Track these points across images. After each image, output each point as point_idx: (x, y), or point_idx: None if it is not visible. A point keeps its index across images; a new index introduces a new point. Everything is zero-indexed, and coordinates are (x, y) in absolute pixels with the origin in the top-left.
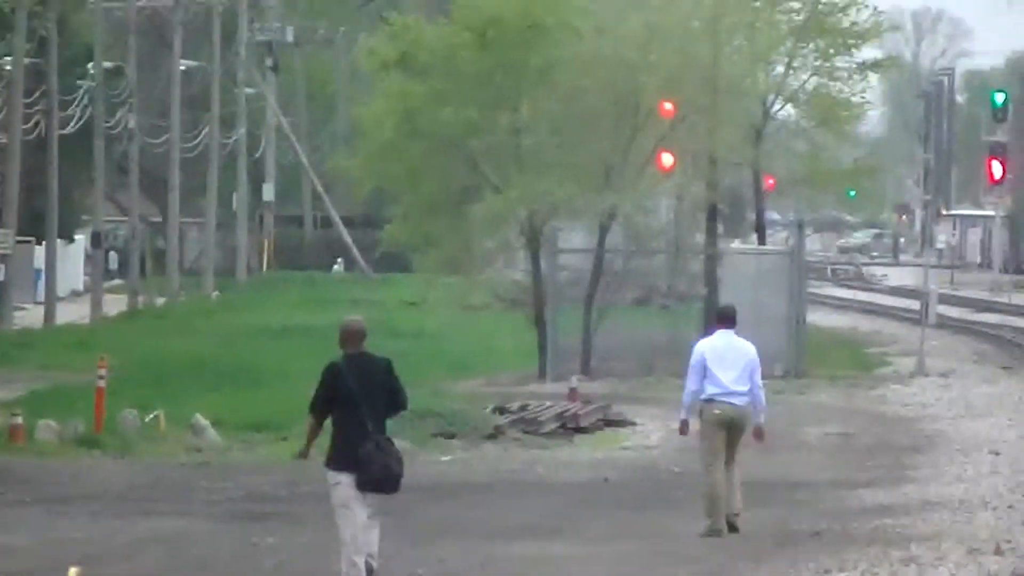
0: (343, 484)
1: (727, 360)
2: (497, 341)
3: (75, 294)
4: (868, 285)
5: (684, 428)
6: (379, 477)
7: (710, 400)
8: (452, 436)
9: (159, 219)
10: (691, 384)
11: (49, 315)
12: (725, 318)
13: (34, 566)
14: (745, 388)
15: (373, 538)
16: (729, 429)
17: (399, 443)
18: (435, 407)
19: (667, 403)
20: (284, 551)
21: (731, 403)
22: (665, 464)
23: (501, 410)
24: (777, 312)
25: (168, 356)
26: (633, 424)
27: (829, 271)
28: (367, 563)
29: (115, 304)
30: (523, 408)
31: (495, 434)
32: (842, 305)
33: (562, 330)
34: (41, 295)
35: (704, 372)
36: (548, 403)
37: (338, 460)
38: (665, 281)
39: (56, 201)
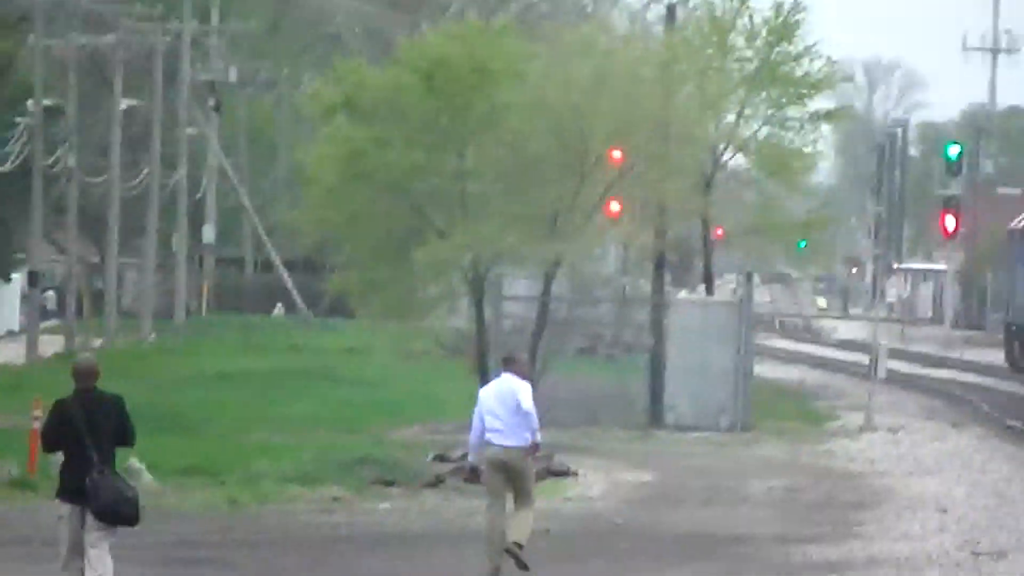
0: (65, 518)
1: (497, 403)
2: (438, 388)
3: (11, 334)
4: (817, 338)
5: (466, 473)
6: (112, 505)
7: (487, 443)
8: (391, 484)
9: (97, 259)
10: (472, 430)
11: None
12: (505, 360)
13: None
14: (514, 429)
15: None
16: (504, 470)
17: (338, 490)
18: (374, 454)
19: (611, 454)
20: None
21: (501, 445)
22: (608, 516)
23: (442, 458)
24: (724, 363)
25: None
26: (575, 475)
27: (777, 323)
28: None
29: (51, 345)
30: (464, 456)
31: (435, 482)
32: (790, 358)
33: None
34: None
35: (482, 416)
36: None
37: (63, 491)
38: (611, 331)
39: None
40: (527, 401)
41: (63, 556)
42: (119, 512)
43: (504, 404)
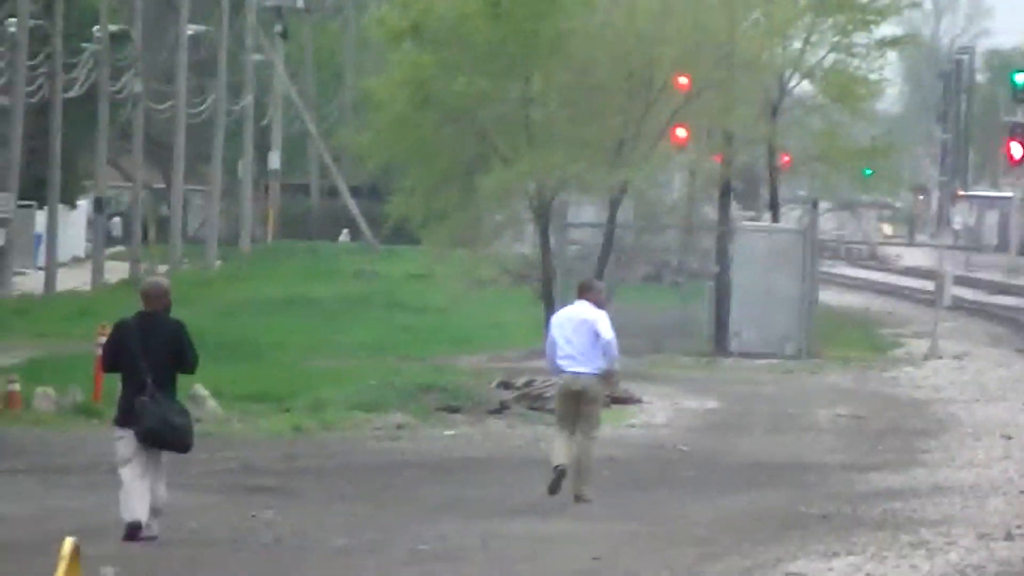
0: (124, 440)
1: (570, 331)
2: (503, 316)
3: (76, 260)
4: (882, 265)
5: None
6: (156, 428)
7: (559, 370)
8: (456, 411)
9: (163, 186)
10: (547, 353)
11: (49, 281)
12: (580, 288)
13: (29, 536)
14: (588, 357)
15: (157, 497)
16: (576, 398)
17: (402, 417)
18: (439, 381)
19: (676, 381)
20: (282, 525)
21: (573, 372)
22: (672, 443)
23: (506, 385)
24: (789, 291)
25: None
26: (640, 402)
27: (843, 250)
28: (146, 523)
29: (117, 271)
30: (528, 383)
31: (500, 409)
32: (855, 285)
33: None
34: (42, 261)
35: (555, 342)
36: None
37: (120, 416)
38: (676, 258)
39: (59, 165)
40: (607, 331)
41: (123, 473)
42: (162, 437)
43: (578, 332)
